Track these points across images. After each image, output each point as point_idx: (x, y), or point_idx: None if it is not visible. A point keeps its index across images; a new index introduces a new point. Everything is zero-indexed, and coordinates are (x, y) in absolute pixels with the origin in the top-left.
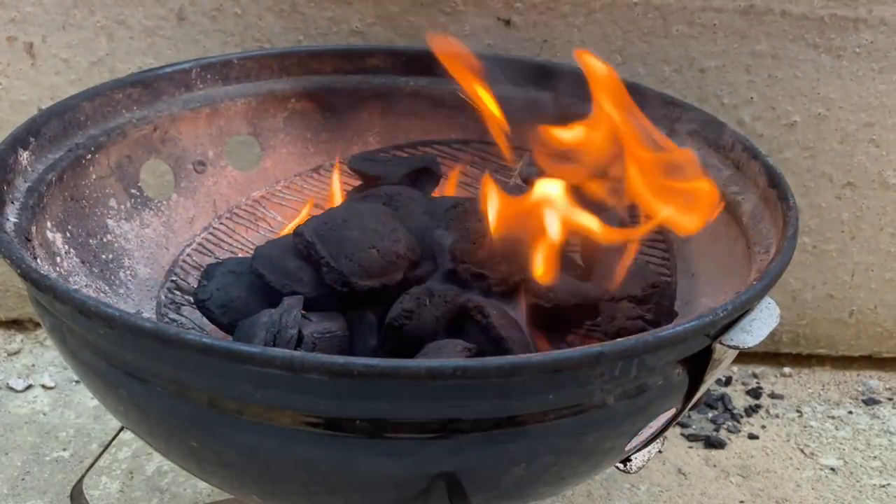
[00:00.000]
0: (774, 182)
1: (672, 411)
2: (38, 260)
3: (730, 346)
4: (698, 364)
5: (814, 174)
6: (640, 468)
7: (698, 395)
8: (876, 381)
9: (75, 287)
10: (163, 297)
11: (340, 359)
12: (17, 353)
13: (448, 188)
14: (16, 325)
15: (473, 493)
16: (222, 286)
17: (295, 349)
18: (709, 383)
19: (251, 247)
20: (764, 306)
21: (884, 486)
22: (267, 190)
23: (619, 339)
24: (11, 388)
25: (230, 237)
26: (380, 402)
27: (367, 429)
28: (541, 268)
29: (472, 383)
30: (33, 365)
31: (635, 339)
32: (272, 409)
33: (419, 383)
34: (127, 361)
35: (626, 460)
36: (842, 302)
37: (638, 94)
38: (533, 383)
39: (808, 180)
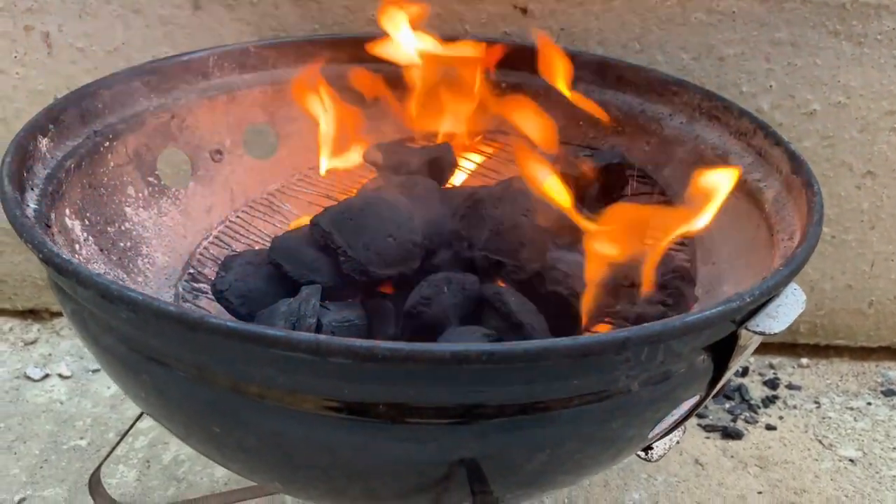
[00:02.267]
0: (798, 168)
1: (696, 398)
2: (59, 246)
3: (756, 332)
4: (723, 350)
5: (833, 163)
6: (661, 456)
7: (722, 381)
8: (895, 371)
9: (100, 273)
10: (180, 289)
11: (366, 342)
12: (34, 342)
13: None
14: (32, 314)
15: (494, 480)
16: (241, 277)
17: None
18: (733, 370)
19: (268, 239)
20: (790, 292)
21: None
22: (282, 183)
23: (645, 325)
24: (29, 378)
25: (247, 229)
26: (404, 386)
27: (390, 414)
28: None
29: (498, 368)
30: (50, 354)
31: (661, 325)
32: (295, 393)
33: (444, 367)
34: (149, 346)
35: (647, 448)
36: (861, 292)
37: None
38: (558, 368)
39: (828, 169)
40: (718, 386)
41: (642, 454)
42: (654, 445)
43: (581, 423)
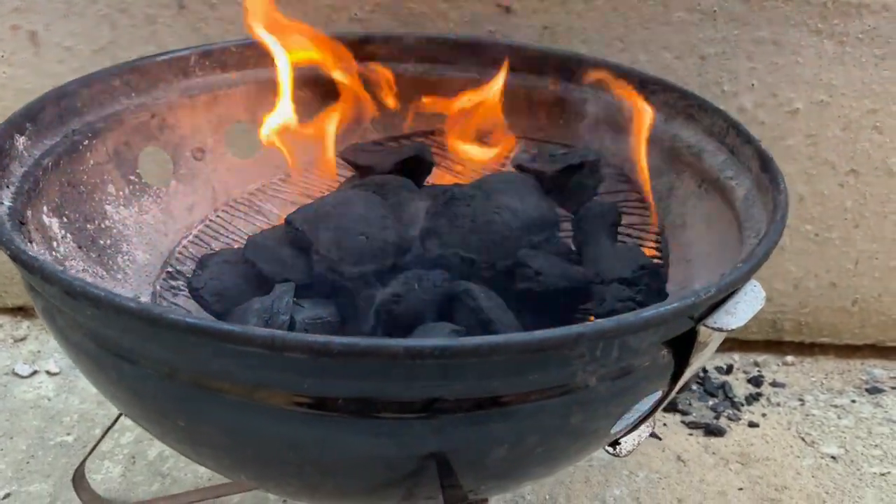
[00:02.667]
0: (766, 166)
1: (658, 394)
2: (34, 244)
3: (714, 329)
4: (683, 346)
5: (816, 162)
6: (629, 452)
7: (685, 377)
8: (880, 370)
9: (63, 269)
10: (158, 287)
11: (321, 337)
12: (23, 339)
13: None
14: (22, 311)
15: (463, 473)
16: (216, 275)
17: None
18: (695, 366)
19: (247, 238)
20: (749, 289)
21: (884, 475)
22: (263, 183)
23: (599, 320)
24: (17, 374)
25: (227, 228)
26: (362, 381)
27: (353, 408)
28: None
29: (452, 363)
30: (39, 351)
31: (616, 320)
32: (258, 388)
33: (399, 363)
34: (115, 342)
35: (615, 443)
36: (845, 290)
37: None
38: (513, 364)
39: (811, 168)
40: (681, 382)
41: (610, 449)
42: (622, 441)
43: (540, 417)
